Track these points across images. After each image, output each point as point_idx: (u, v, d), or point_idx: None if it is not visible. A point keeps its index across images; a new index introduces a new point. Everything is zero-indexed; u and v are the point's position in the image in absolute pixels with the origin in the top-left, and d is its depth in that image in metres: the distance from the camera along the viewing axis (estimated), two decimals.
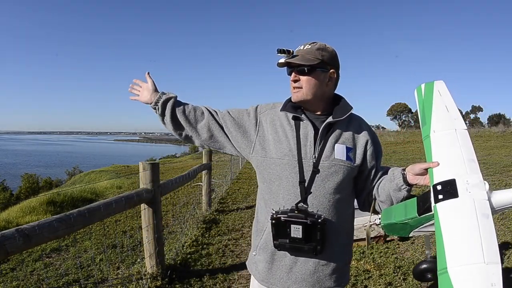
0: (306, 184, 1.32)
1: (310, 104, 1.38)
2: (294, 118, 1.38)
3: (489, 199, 1.12)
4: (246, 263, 1.52)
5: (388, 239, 4.00)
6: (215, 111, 1.49)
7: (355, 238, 3.89)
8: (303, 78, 1.33)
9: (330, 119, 1.35)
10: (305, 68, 1.32)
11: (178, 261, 3.56)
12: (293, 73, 1.34)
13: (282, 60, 1.33)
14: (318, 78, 1.34)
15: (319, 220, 1.24)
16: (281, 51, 1.32)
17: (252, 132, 1.43)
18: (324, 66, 1.34)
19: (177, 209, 5.93)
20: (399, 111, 50.12)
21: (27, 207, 6.20)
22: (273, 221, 1.27)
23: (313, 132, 1.35)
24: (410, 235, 1.36)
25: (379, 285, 3.04)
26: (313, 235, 1.26)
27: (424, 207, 1.22)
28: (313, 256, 1.31)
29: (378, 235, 3.94)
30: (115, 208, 2.56)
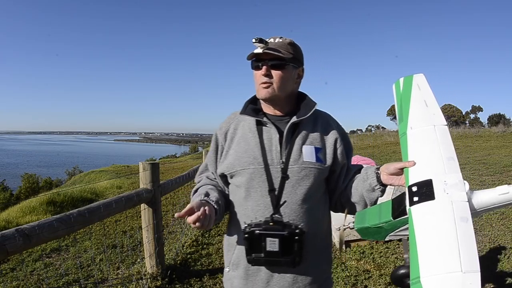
0: (276, 193, 1.23)
1: (278, 102, 1.29)
2: (256, 122, 1.29)
3: (469, 201, 1.04)
4: (222, 280, 1.43)
5: (387, 239, 4.00)
6: (212, 174, 1.40)
7: (354, 238, 3.90)
8: (275, 73, 1.23)
9: (294, 119, 1.26)
10: (279, 62, 1.23)
11: (178, 261, 3.56)
12: (264, 67, 1.23)
13: (259, 50, 1.21)
14: (289, 74, 1.26)
15: (297, 231, 1.16)
16: (259, 40, 1.20)
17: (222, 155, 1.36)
18: (296, 62, 1.28)
19: (177, 209, 5.92)
20: None
21: (27, 207, 6.19)
22: (246, 235, 1.17)
23: (278, 135, 1.26)
24: (387, 239, 1.30)
25: (379, 285, 3.04)
26: (291, 247, 1.17)
27: (399, 210, 1.15)
28: (291, 268, 1.23)
29: None
30: (115, 208, 2.56)
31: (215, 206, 1.23)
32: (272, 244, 1.16)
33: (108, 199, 2.62)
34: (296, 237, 1.16)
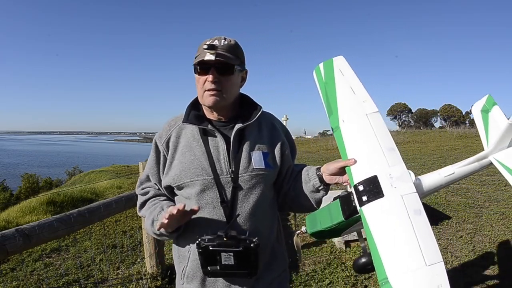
0: (229, 204, 1.19)
1: (223, 108, 1.23)
2: (201, 131, 1.23)
3: (417, 188, 1.03)
4: None
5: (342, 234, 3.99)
6: (154, 186, 1.32)
7: (355, 238, 3.89)
8: (224, 79, 1.17)
9: (239, 125, 1.21)
10: (227, 68, 1.17)
11: None
12: (212, 74, 1.16)
13: (211, 57, 1.13)
14: (236, 79, 1.22)
15: (252, 245, 1.12)
16: (211, 47, 1.13)
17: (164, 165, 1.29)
18: (241, 65, 1.23)
19: None
20: (399, 111, 50.14)
21: (27, 207, 6.18)
22: (200, 250, 1.13)
23: (224, 143, 1.21)
24: (342, 235, 1.27)
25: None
26: (247, 260, 1.14)
27: (349, 210, 1.13)
28: (249, 279, 1.21)
29: None
30: (115, 208, 2.56)
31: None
32: (227, 259, 1.13)
33: (108, 199, 2.62)
34: (252, 251, 1.13)
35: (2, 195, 14.51)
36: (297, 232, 1.27)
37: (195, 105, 1.28)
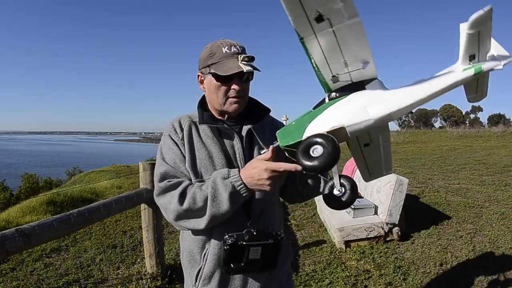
0: (248, 201, 1.19)
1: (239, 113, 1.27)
2: (215, 130, 1.26)
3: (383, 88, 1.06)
4: None
5: (388, 239, 4.00)
6: (181, 177, 1.23)
7: (355, 238, 3.90)
8: (245, 86, 1.21)
9: (249, 125, 1.26)
10: (250, 75, 1.20)
11: (178, 261, 3.56)
12: (239, 82, 1.19)
13: (250, 68, 1.14)
14: (249, 84, 1.26)
15: (279, 238, 1.17)
16: (251, 58, 1.15)
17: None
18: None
19: None
20: None
21: (27, 207, 6.18)
22: (228, 247, 1.13)
23: (239, 142, 1.25)
24: (328, 178, 1.19)
25: (379, 285, 3.04)
26: (272, 253, 1.18)
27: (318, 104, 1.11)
28: (267, 272, 1.25)
29: (378, 235, 3.94)
30: (115, 208, 2.56)
31: None
32: (255, 253, 1.16)
33: (108, 199, 2.62)
34: (279, 243, 1.17)
35: (2, 195, 14.50)
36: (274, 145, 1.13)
37: (203, 105, 1.31)
